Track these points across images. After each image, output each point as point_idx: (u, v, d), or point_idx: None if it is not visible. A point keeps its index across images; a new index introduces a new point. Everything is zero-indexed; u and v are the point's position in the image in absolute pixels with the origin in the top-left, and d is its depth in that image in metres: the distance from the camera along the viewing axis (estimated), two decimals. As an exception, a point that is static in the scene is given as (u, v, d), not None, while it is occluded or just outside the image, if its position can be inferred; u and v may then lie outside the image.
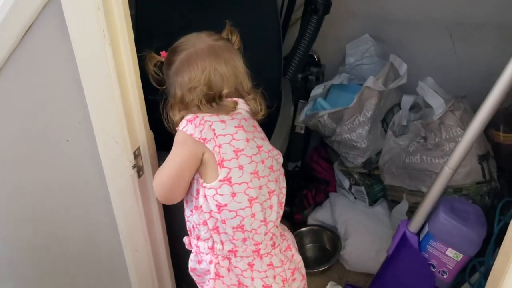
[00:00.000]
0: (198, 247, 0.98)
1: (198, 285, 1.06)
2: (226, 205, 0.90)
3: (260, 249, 0.93)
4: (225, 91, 0.95)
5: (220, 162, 0.89)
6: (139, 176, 1.05)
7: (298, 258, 1.03)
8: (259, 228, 0.92)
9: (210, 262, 0.95)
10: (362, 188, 1.69)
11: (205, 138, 0.89)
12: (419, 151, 1.45)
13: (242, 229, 0.91)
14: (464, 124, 1.37)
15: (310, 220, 1.79)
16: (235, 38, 1.01)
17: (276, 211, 0.95)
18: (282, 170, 1.01)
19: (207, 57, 0.94)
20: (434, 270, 1.16)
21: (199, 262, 0.99)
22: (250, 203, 0.90)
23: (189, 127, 0.90)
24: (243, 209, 0.90)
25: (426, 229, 1.15)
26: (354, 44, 1.74)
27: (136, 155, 1.03)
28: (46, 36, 0.89)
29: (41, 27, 0.88)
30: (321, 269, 1.67)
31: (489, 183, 1.37)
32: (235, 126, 0.91)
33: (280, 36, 1.37)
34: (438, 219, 1.09)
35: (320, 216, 1.77)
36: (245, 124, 0.94)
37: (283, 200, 0.99)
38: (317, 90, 1.64)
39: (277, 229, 0.97)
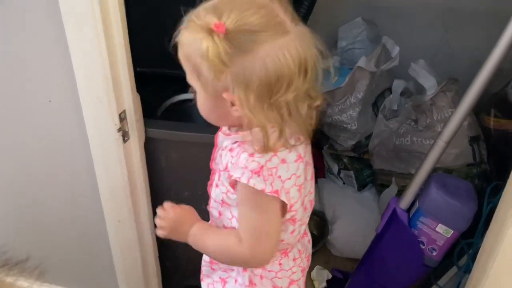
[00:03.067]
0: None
1: (204, 276, 0.93)
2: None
3: (287, 248, 0.85)
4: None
5: (289, 208, 0.76)
6: (124, 141, 1.01)
7: (311, 243, 0.95)
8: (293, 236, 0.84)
9: (244, 270, 0.85)
10: (351, 173, 1.67)
11: (277, 190, 0.71)
12: (409, 132, 1.44)
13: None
14: (456, 105, 1.36)
15: (297, 205, 1.76)
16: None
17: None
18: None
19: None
20: (423, 247, 1.14)
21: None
22: (294, 223, 0.80)
23: (257, 182, 0.69)
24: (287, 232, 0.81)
25: (416, 206, 1.13)
26: (346, 27, 1.73)
27: (122, 118, 0.99)
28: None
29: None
30: (308, 253, 1.64)
31: (480, 166, 1.37)
32: (295, 161, 0.73)
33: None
34: (430, 193, 1.08)
35: (308, 201, 1.75)
36: (302, 149, 0.75)
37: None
38: (309, 71, 1.62)
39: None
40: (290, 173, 0.72)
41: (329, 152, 1.69)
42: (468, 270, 1.25)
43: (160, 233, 0.85)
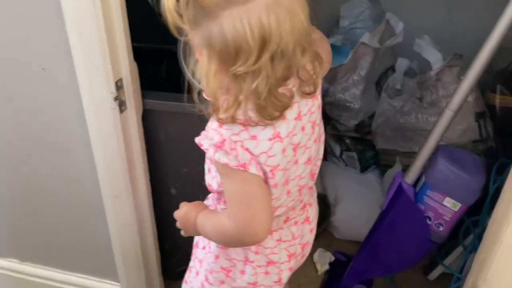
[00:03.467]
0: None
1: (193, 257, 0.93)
2: None
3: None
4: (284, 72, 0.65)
5: (264, 180, 0.72)
6: (121, 111, 0.98)
7: (314, 233, 0.92)
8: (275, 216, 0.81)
9: None
10: (354, 154, 1.64)
11: (244, 163, 0.68)
12: (414, 110, 1.40)
13: None
14: (462, 81, 1.33)
15: (299, 188, 1.73)
16: None
17: (300, 197, 0.83)
18: (321, 147, 0.84)
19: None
20: (430, 223, 1.11)
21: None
22: (275, 209, 0.79)
23: (220, 156, 0.68)
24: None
25: (422, 180, 1.10)
26: (348, 5, 1.69)
27: (119, 86, 0.96)
28: None
29: None
30: (309, 236, 1.61)
31: (486, 142, 1.33)
32: (270, 139, 0.69)
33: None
34: (437, 166, 1.04)
35: (309, 184, 1.72)
36: (283, 129, 0.70)
37: (316, 172, 0.85)
38: (310, 50, 1.58)
39: (297, 203, 0.85)
40: (259, 150, 0.68)
41: (331, 133, 1.66)
42: (474, 249, 1.23)
43: (182, 233, 0.85)
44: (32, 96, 0.99)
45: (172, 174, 1.17)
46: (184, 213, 0.83)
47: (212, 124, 0.70)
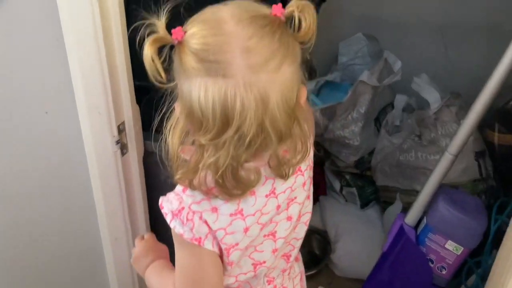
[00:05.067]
0: None
1: None
2: None
3: None
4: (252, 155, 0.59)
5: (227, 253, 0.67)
6: (122, 154, 0.98)
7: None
8: None
9: None
10: (354, 190, 1.63)
11: (200, 238, 0.63)
12: (413, 148, 1.41)
13: None
14: (460, 120, 1.34)
15: (298, 224, 1.72)
16: (307, 23, 0.56)
17: (261, 277, 0.76)
18: (303, 227, 0.77)
19: (241, 74, 0.53)
20: (432, 265, 1.10)
21: None
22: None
23: (177, 225, 0.63)
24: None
25: (424, 222, 1.10)
26: (347, 42, 1.72)
27: (121, 130, 0.96)
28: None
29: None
30: (309, 273, 1.59)
31: (486, 181, 1.34)
32: (231, 215, 0.64)
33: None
34: (438, 209, 1.04)
35: (309, 219, 1.71)
36: (249, 205, 0.65)
37: (292, 253, 0.78)
38: (309, 86, 1.60)
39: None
40: (218, 226, 0.63)
41: (330, 168, 1.66)
42: (477, 289, 1.21)
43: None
44: (33, 137, 0.99)
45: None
46: (138, 254, 0.82)
47: (177, 188, 0.65)
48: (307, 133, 0.62)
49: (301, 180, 0.70)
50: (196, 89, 0.54)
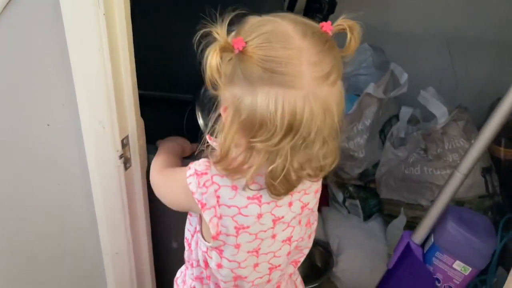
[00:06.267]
0: (187, 268, 0.88)
1: None
2: (211, 267, 0.77)
3: None
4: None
5: (215, 235, 0.71)
6: (125, 168, 0.95)
7: None
8: None
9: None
10: (357, 202, 1.61)
11: (205, 204, 0.69)
12: (419, 162, 1.39)
13: None
14: (467, 135, 1.33)
15: (300, 235, 1.70)
16: (356, 43, 0.64)
17: (274, 283, 0.80)
18: (310, 231, 0.80)
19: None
20: (439, 285, 1.08)
21: (183, 282, 0.89)
22: (235, 280, 0.76)
23: (193, 182, 0.69)
24: (225, 282, 0.77)
25: (431, 241, 1.08)
26: (352, 53, 1.70)
27: (124, 144, 0.93)
28: (31, 2, 0.81)
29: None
30: (311, 286, 1.57)
31: (492, 197, 1.32)
32: (248, 198, 0.68)
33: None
34: (446, 228, 1.03)
35: (311, 230, 1.69)
36: (267, 193, 0.68)
37: (301, 259, 0.83)
38: (314, 97, 1.58)
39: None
40: (233, 203, 0.68)
41: (334, 180, 1.64)
42: (483, 308, 1.20)
43: None
44: (34, 150, 0.97)
45: (174, 228, 1.13)
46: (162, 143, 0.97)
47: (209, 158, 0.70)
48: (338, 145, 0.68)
49: (315, 186, 0.74)
50: (263, 97, 0.58)
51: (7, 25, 0.83)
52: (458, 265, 1.03)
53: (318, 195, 0.76)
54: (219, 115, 0.65)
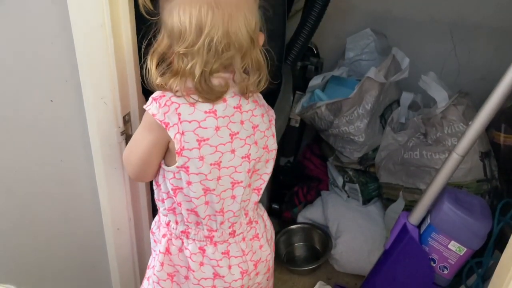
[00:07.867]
0: (159, 216, 0.93)
1: (151, 249, 0.97)
2: (182, 189, 0.83)
3: (214, 236, 0.87)
4: (221, 64, 0.77)
5: (179, 151, 0.79)
6: (127, 145, 0.97)
7: (267, 250, 0.94)
8: (214, 216, 0.85)
9: (164, 235, 0.90)
10: (356, 186, 1.63)
11: (168, 123, 0.78)
12: (418, 146, 1.40)
13: (196, 214, 0.85)
14: (467, 119, 1.33)
15: (300, 218, 1.72)
16: None
17: (239, 201, 0.86)
18: (267, 156, 0.89)
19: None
20: (434, 265, 1.09)
21: (158, 228, 0.93)
22: (205, 193, 0.83)
23: (152, 107, 0.78)
24: (197, 198, 0.83)
25: (427, 222, 1.09)
26: (354, 38, 1.71)
27: (126, 120, 0.95)
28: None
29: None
30: (309, 267, 1.59)
31: (490, 182, 1.33)
32: (205, 112, 0.79)
33: (285, 18, 1.31)
34: (443, 209, 1.04)
35: (310, 214, 1.70)
36: (220, 108, 0.80)
37: (262, 186, 0.91)
38: (316, 81, 1.59)
39: (242, 217, 0.89)
40: (193, 118, 0.78)
41: (334, 164, 1.65)
42: (478, 290, 1.21)
43: None
44: (37, 126, 0.98)
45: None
46: None
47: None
48: (263, 62, 0.81)
49: (261, 111, 0.86)
50: (176, 10, 0.74)
51: (10, 1, 0.84)
52: (453, 245, 1.05)
53: (267, 120, 0.87)
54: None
